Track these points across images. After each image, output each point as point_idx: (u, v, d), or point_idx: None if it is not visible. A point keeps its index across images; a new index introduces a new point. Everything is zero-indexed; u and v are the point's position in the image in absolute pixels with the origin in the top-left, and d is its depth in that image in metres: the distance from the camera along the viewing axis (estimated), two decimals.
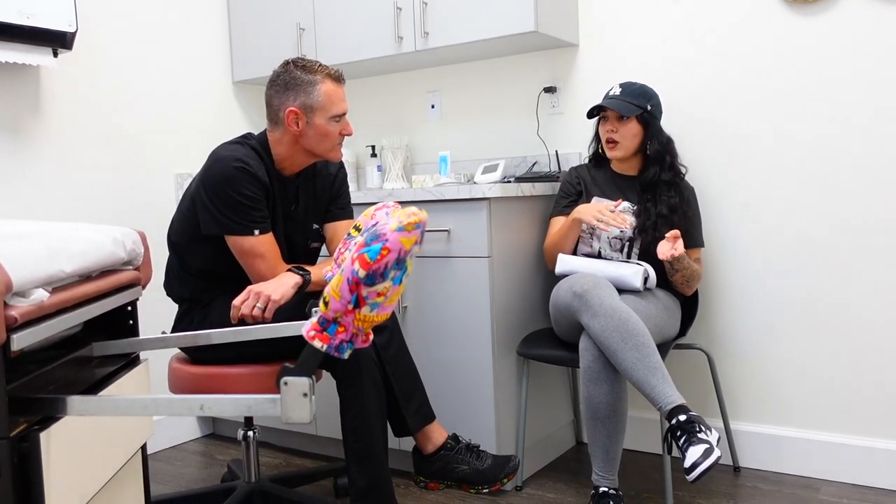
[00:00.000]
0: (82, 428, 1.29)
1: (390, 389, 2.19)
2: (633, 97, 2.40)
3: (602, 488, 2.11)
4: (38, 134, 2.64)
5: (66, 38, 2.54)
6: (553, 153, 2.88)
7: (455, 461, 2.31)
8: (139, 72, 2.97)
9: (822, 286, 2.43)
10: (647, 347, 2.03)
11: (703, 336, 2.63)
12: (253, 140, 2.16)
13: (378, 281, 1.29)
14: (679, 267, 2.31)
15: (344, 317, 1.31)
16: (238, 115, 3.37)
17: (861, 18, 2.33)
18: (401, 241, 1.29)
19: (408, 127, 3.30)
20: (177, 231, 2.19)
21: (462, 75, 3.13)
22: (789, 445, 2.50)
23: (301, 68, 2.09)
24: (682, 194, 2.41)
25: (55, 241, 1.27)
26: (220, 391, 2.04)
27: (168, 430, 3.05)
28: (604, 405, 2.09)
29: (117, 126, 2.89)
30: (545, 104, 2.93)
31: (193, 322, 2.16)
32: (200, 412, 1.24)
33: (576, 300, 2.15)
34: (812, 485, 2.41)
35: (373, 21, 2.92)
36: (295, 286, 2.01)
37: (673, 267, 2.31)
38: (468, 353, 2.44)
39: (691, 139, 2.61)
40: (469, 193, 2.37)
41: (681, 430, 1.92)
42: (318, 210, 2.28)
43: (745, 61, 2.52)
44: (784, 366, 2.51)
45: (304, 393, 1.23)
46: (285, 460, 2.83)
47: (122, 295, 1.56)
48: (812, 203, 2.44)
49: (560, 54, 2.89)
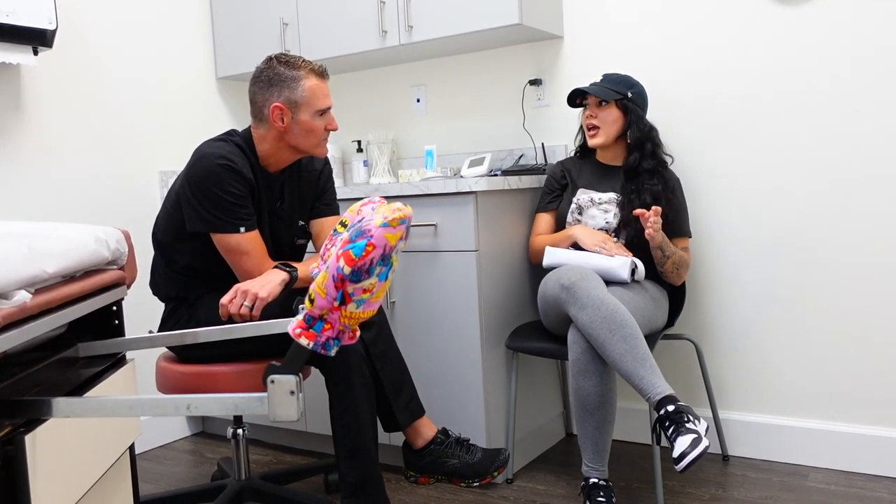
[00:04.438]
0: (68, 429, 1.28)
1: (379, 385, 2.19)
2: (613, 84, 2.43)
3: (592, 479, 2.12)
4: (19, 133, 2.62)
5: (46, 35, 2.51)
6: (539, 146, 2.88)
7: (445, 455, 2.31)
8: (121, 69, 2.94)
9: (808, 275, 2.45)
10: (635, 339, 2.04)
11: (691, 326, 2.65)
12: (237, 137, 2.14)
13: (363, 277, 1.28)
14: (669, 252, 2.32)
15: (330, 314, 1.31)
16: (222, 112, 3.36)
17: (846, 8, 2.34)
18: (386, 236, 1.28)
19: (393, 121, 3.29)
20: (162, 229, 2.18)
21: (447, 69, 3.13)
22: (777, 433, 2.52)
23: (284, 64, 2.08)
24: (666, 183, 2.42)
25: (36, 241, 1.26)
26: (207, 390, 2.04)
27: (157, 428, 3.03)
28: (593, 397, 2.10)
29: (100, 124, 2.87)
30: (531, 97, 2.92)
31: (180, 321, 2.15)
32: (188, 412, 1.24)
33: (563, 292, 2.15)
34: (800, 472, 2.43)
35: (357, 15, 2.91)
36: (282, 283, 2.01)
37: (664, 253, 2.31)
38: (457, 347, 2.44)
39: (677, 129, 2.62)
40: (455, 187, 2.37)
41: (669, 421, 1.92)
42: (304, 206, 2.27)
43: (730, 52, 2.53)
44: (771, 354, 2.53)
45: (291, 391, 1.22)
46: (275, 457, 2.82)
47: (107, 295, 1.55)
48: (798, 193, 2.45)
49: (545, 46, 2.89)
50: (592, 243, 2.34)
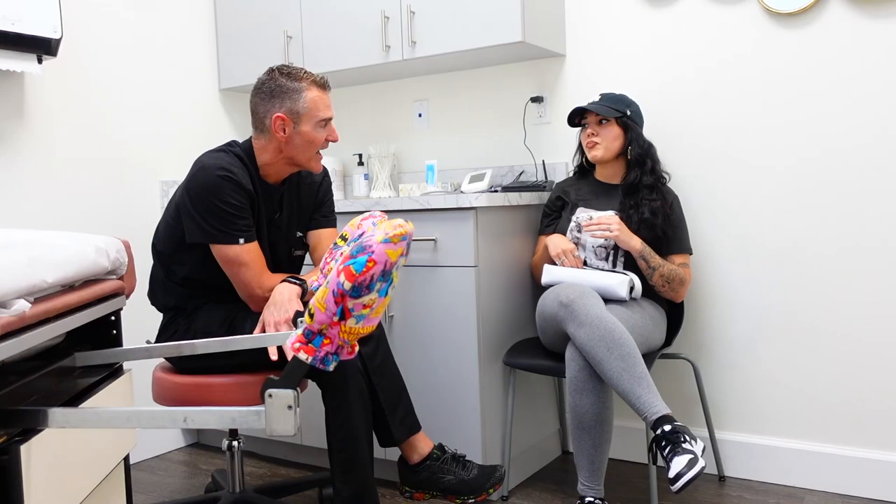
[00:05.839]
0: (64, 440, 1.28)
1: (376, 399, 2.18)
2: (612, 102, 2.46)
3: (588, 498, 2.11)
4: (21, 141, 2.62)
5: (50, 44, 2.52)
6: (540, 163, 2.89)
7: (441, 471, 2.30)
8: (125, 79, 2.95)
9: (806, 296, 2.45)
10: (633, 357, 2.04)
11: (689, 346, 2.64)
12: (237, 147, 2.15)
13: (364, 293, 1.28)
14: (654, 264, 2.32)
15: (329, 329, 1.31)
16: (225, 123, 3.36)
17: (843, 31, 2.35)
18: (387, 252, 1.28)
19: (395, 136, 3.30)
20: (162, 239, 2.18)
21: (449, 84, 3.14)
22: (774, 455, 2.51)
23: (286, 76, 2.09)
24: (664, 199, 2.43)
25: (36, 250, 1.26)
26: (204, 401, 2.03)
27: (152, 439, 3.02)
28: (590, 415, 2.09)
29: (102, 133, 2.87)
30: (532, 114, 2.93)
31: (178, 331, 2.15)
32: (184, 424, 1.23)
33: (562, 310, 2.15)
34: (796, 494, 2.42)
35: (360, 29, 2.92)
36: (297, 296, 2.01)
37: (649, 265, 2.32)
38: (454, 363, 2.43)
39: (675, 148, 2.63)
40: (456, 202, 2.37)
41: (665, 441, 1.92)
42: (302, 218, 2.28)
43: (729, 72, 2.54)
44: (769, 375, 2.52)
45: (288, 405, 1.22)
46: (270, 470, 2.81)
47: (106, 305, 1.55)
48: (795, 213, 2.45)
49: (547, 64, 2.90)
50: (553, 253, 2.41)
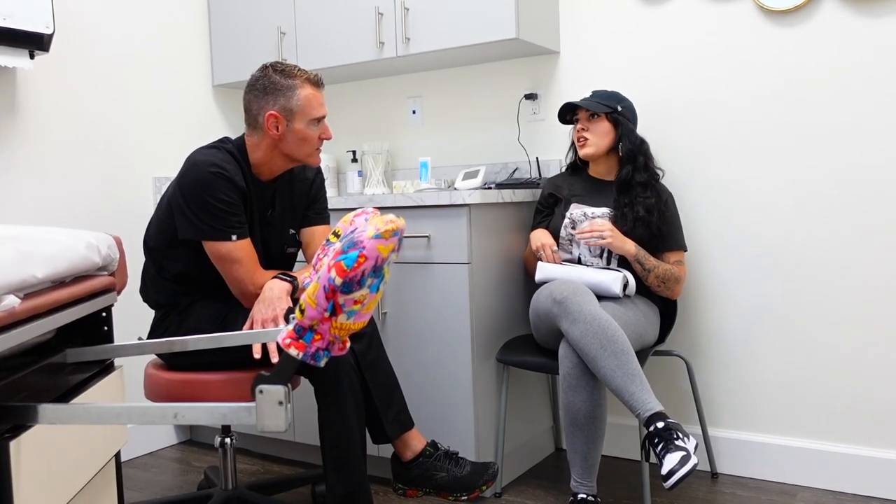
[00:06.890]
0: (54, 436, 1.27)
1: (369, 396, 2.18)
2: (603, 99, 2.47)
3: (581, 495, 2.12)
4: (13, 136, 2.61)
5: (43, 39, 2.50)
6: (534, 160, 2.89)
7: (434, 468, 2.30)
8: (118, 75, 2.94)
9: (799, 294, 2.45)
10: (626, 354, 2.04)
11: (682, 343, 2.65)
12: (230, 144, 2.14)
13: (355, 289, 1.28)
14: (649, 266, 2.33)
15: (320, 325, 1.30)
16: (218, 119, 3.35)
17: (836, 29, 2.36)
18: (378, 248, 1.28)
19: (389, 132, 3.29)
20: (154, 236, 2.17)
21: (443, 81, 3.13)
22: (767, 452, 2.51)
23: (280, 73, 2.08)
24: (659, 196, 2.43)
25: (26, 245, 1.25)
26: (196, 398, 2.02)
27: (144, 436, 3.01)
28: (583, 412, 2.10)
29: (95, 129, 2.86)
30: (526, 111, 2.93)
31: (170, 328, 2.14)
32: (175, 420, 1.23)
33: (555, 307, 2.15)
34: (789, 491, 2.42)
35: (354, 26, 2.92)
36: (287, 293, 2.01)
37: (644, 268, 2.33)
38: (447, 360, 2.43)
39: (669, 145, 2.63)
40: (449, 199, 2.37)
41: (658, 437, 1.92)
42: (295, 215, 2.27)
43: (723, 69, 2.54)
44: (762, 372, 2.53)
45: (279, 401, 1.22)
46: (263, 467, 2.81)
47: (97, 301, 1.54)
48: (790, 210, 2.46)
49: (541, 61, 2.90)
50: (533, 246, 2.44)
